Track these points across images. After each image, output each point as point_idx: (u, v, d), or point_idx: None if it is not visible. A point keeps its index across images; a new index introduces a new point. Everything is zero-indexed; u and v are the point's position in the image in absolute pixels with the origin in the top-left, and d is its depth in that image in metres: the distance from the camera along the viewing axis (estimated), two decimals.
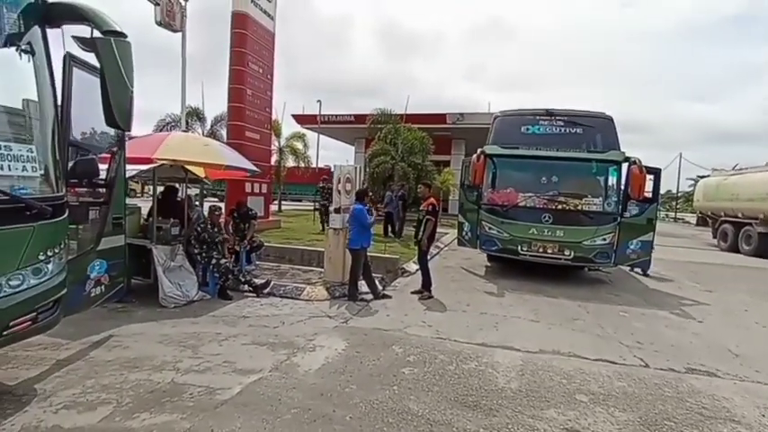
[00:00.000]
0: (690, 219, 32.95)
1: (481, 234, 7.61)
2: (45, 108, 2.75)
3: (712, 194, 15.69)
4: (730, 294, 7.21)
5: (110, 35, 2.76)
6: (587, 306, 5.82)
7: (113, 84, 2.75)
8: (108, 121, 2.86)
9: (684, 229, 25.84)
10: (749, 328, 5.24)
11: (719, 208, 15.04)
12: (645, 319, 5.34)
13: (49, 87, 2.76)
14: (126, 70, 2.81)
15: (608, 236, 6.95)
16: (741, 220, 13.68)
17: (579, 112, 7.66)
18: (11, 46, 2.51)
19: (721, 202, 14.91)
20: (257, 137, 11.90)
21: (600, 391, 3.18)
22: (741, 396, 3.22)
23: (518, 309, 5.54)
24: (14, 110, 2.77)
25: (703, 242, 16.76)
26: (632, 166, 6.70)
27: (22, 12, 2.55)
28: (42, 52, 2.68)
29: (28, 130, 2.78)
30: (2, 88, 2.64)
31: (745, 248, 13.28)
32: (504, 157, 7.55)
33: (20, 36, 2.55)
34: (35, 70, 2.64)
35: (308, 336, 4.14)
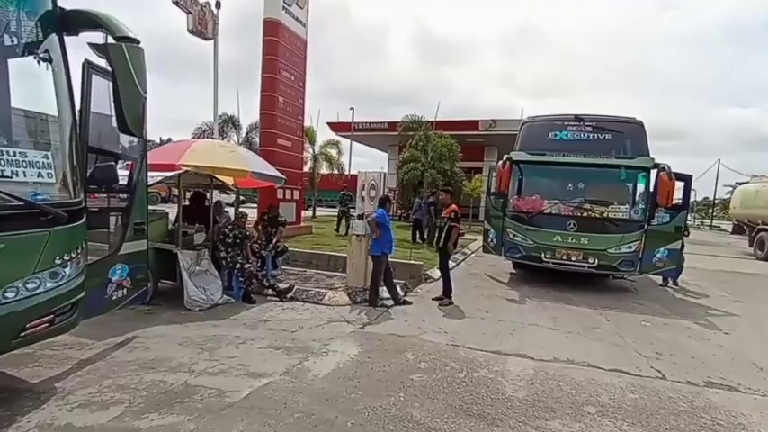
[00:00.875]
0: (726, 227, 31.30)
1: (506, 241, 7.55)
2: (63, 115, 2.80)
3: (751, 201, 14.95)
4: (762, 305, 6.89)
5: (122, 41, 2.81)
6: (608, 314, 5.71)
7: (126, 89, 2.79)
8: (120, 127, 2.91)
9: (720, 237, 24.64)
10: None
11: (757, 216, 14.32)
12: (667, 329, 5.20)
13: (66, 94, 2.80)
14: (138, 76, 2.85)
15: (633, 244, 6.78)
16: None
17: (608, 118, 7.50)
18: (29, 54, 2.61)
19: (760, 209, 14.20)
20: (289, 144, 12.05)
21: (610, 402, 3.14)
22: (760, 412, 3.12)
23: (537, 316, 5.49)
24: (32, 116, 2.87)
25: (739, 251, 15.94)
26: (661, 173, 6.51)
27: (39, 20, 2.61)
28: (60, 59, 2.74)
29: (45, 137, 2.86)
30: (20, 95, 2.74)
31: None
32: (530, 164, 7.45)
33: (38, 44, 2.62)
34: (53, 77, 2.71)
35: (324, 340, 4.25)
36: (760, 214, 14.15)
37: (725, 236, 26.00)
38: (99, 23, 2.88)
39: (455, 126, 21.27)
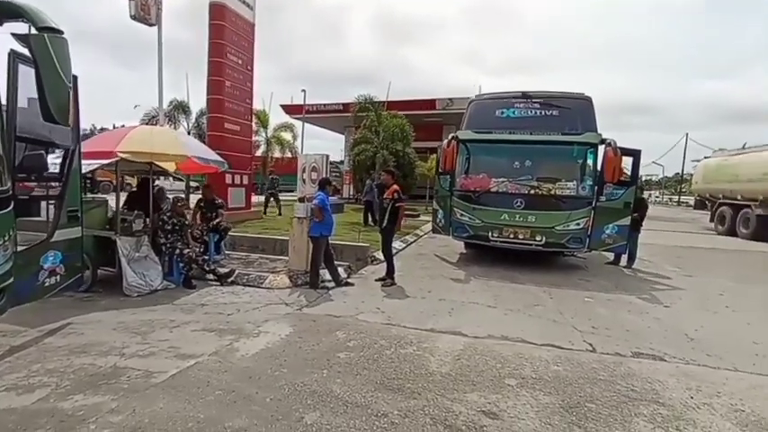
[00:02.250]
0: (692, 202, 32.39)
1: (453, 221, 7.57)
2: None
3: (712, 176, 15.35)
4: (711, 279, 7.08)
5: (44, 31, 2.83)
6: (552, 292, 5.77)
7: (49, 79, 2.82)
8: (45, 117, 2.90)
9: (685, 213, 25.42)
10: (717, 313, 5.14)
11: (718, 190, 14.72)
12: (609, 305, 5.28)
13: None
14: (62, 66, 2.88)
15: (582, 221, 6.84)
16: (740, 203, 13.39)
17: (556, 94, 7.49)
18: None
19: (720, 183, 14.59)
20: (237, 128, 11.90)
21: (532, 375, 3.15)
22: (677, 379, 3.17)
23: (479, 295, 5.51)
24: None
25: (701, 227, 16.45)
26: (607, 148, 6.55)
27: None
28: None
29: None
30: None
31: (743, 232, 13.02)
32: (476, 142, 7.45)
33: None
34: None
35: (258, 322, 4.18)
36: (721, 189, 14.53)
37: (690, 211, 26.84)
38: (21, 14, 2.88)
39: (412, 106, 21.21)
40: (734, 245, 11.68)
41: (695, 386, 3.06)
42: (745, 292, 6.19)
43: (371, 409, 2.59)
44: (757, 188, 12.52)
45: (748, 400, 2.88)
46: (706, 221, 16.48)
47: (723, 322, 4.77)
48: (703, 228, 16.03)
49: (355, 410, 2.57)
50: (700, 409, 2.73)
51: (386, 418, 2.48)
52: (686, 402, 2.81)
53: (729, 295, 5.95)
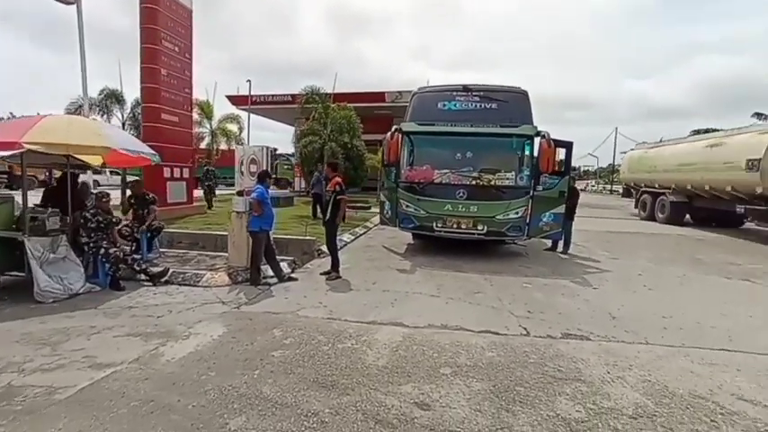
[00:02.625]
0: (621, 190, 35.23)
1: (399, 212, 7.63)
2: None
3: (635, 167, 16.70)
4: (633, 261, 7.68)
5: None
6: (493, 279, 5.97)
7: None
8: None
9: (616, 201, 27.50)
10: (636, 292, 5.57)
11: (640, 179, 16.06)
12: (545, 289, 5.54)
13: None
14: None
15: (520, 210, 7.13)
16: (657, 191, 14.69)
17: (495, 87, 7.71)
18: None
19: (642, 173, 15.92)
20: (176, 119, 11.17)
21: (466, 363, 3.22)
22: (598, 356, 3.39)
23: (423, 285, 5.57)
24: None
25: (628, 212, 17.89)
26: (541, 140, 6.87)
27: None
28: None
29: None
30: None
31: (660, 217, 14.33)
32: (419, 134, 7.55)
33: None
34: None
35: (190, 324, 3.94)
36: (643, 178, 15.87)
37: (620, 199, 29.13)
38: None
39: (362, 98, 21.32)
40: (653, 229, 12.80)
41: (612, 362, 3.28)
42: (660, 272, 6.77)
43: (302, 408, 2.51)
44: (670, 177, 13.80)
45: (655, 371, 3.13)
46: (632, 208, 17.93)
47: (640, 300, 5.17)
48: (629, 214, 17.44)
49: (284, 411, 2.47)
50: (614, 382, 2.93)
51: (316, 417, 2.41)
52: (603, 377, 3.00)
53: (647, 275, 6.49)
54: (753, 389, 2.92)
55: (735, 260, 7.95)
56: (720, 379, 3.05)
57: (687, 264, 7.51)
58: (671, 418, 2.50)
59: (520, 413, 2.51)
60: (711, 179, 11.81)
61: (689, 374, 3.11)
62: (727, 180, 11.16)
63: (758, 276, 6.58)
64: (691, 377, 3.07)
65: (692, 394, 2.81)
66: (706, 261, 7.83)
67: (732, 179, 10.92)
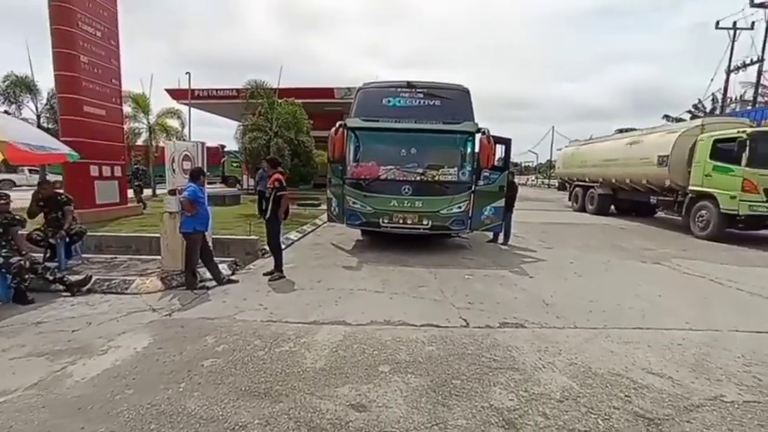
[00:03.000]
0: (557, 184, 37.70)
1: (346, 209, 7.55)
2: None
3: (569, 162, 17.88)
4: (565, 249, 8.18)
5: None
6: (437, 272, 6.07)
7: None
8: None
9: (552, 194, 29.34)
10: (567, 279, 5.92)
11: (573, 174, 17.23)
12: (485, 280, 5.72)
13: None
14: None
15: (463, 204, 7.32)
16: (587, 184, 15.85)
17: (438, 85, 7.82)
18: None
19: (574, 168, 17.09)
20: (103, 112, 10.16)
21: (406, 358, 3.21)
22: (531, 343, 3.53)
23: (368, 281, 5.53)
24: None
25: (563, 204, 19.12)
26: (482, 137, 7.08)
27: None
28: None
29: None
30: None
31: (590, 208, 15.48)
32: (364, 130, 7.50)
33: None
34: None
35: (111, 336, 3.58)
36: (575, 172, 17.05)
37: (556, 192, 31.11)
38: None
39: (311, 93, 21.04)
40: (583, 219, 13.79)
41: (544, 348, 3.43)
42: (588, 259, 7.27)
43: (229, 422, 2.35)
44: (598, 172, 14.96)
45: (580, 354, 3.33)
46: (566, 200, 19.20)
47: (571, 287, 5.48)
48: (564, 206, 18.64)
49: (209, 427, 2.30)
50: (545, 368, 3.06)
51: (244, 429, 2.27)
52: (535, 364, 3.13)
53: (577, 263, 6.93)
54: (660, 362, 3.21)
55: (649, 246, 8.75)
56: (634, 356, 3.31)
57: (610, 250, 8.13)
58: (592, 398, 2.65)
59: (455, 407, 2.53)
60: (631, 173, 12.92)
61: (609, 354, 3.33)
62: (643, 174, 12.26)
63: (667, 260, 7.30)
64: (610, 356, 3.29)
65: (610, 372, 3.01)
66: (626, 247, 8.54)
67: (647, 173, 12.02)
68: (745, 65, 20.67)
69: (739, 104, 22.45)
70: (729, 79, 21.46)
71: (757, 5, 19.40)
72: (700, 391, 2.81)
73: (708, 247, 8.65)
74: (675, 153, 10.78)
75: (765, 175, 8.52)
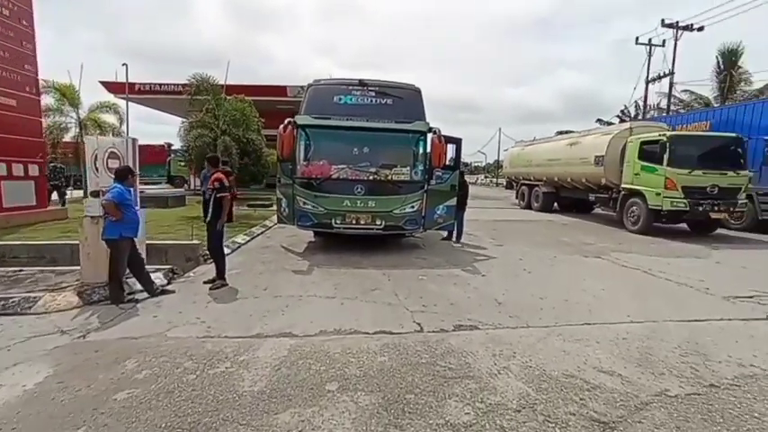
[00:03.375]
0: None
1: (296, 210, 7.19)
2: None
3: (515, 162, 18.55)
4: (515, 246, 8.35)
5: None
6: (391, 273, 5.89)
7: None
8: None
9: (501, 193, 30.50)
10: (518, 276, 5.98)
11: (519, 173, 17.89)
12: (439, 280, 5.62)
13: None
14: None
15: (416, 203, 7.22)
16: (533, 183, 16.50)
17: (390, 83, 7.68)
18: None
19: (520, 168, 17.74)
20: (12, 103, 9.07)
21: (356, 373, 2.96)
22: (485, 347, 3.42)
23: (319, 286, 5.23)
24: None
25: (510, 202, 19.86)
26: (433, 136, 7.02)
27: None
28: None
29: None
30: None
31: (536, 205, 16.14)
32: (315, 128, 7.20)
33: None
34: None
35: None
36: (521, 172, 17.72)
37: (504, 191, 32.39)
38: None
39: (263, 91, 20.49)
40: (530, 216, 14.33)
41: (498, 351, 3.33)
42: (536, 255, 7.44)
43: None
44: (542, 171, 15.64)
45: (534, 355, 3.26)
46: (514, 198, 19.95)
47: (521, 284, 5.52)
48: (511, 203, 19.37)
49: None
50: (500, 374, 2.95)
51: None
52: (491, 370, 3.01)
53: (526, 259, 7.07)
54: (609, 359, 3.23)
55: (589, 240, 9.20)
56: (585, 354, 3.31)
57: (556, 246, 8.41)
58: (549, 405, 2.56)
59: (408, 427, 2.32)
60: (572, 172, 13.58)
61: (562, 354, 3.30)
62: (582, 173, 12.94)
63: (606, 254, 7.68)
64: (563, 357, 3.26)
65: (564, 374, 2.96)
66: (569, 242, 8.89)
67: (586, 172, 12.69)
68: (660, 77, 22.84)
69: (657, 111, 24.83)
70: (648, 89, 23.60)
71: (667, 26, 21.58)
72: (647, 387, 2.82)
73: (640, 241, 9.23)
74: (609, 153, 11.45)
75: (682, 174, 9.30)
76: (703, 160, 9.47)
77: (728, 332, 3.90)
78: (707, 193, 9.26)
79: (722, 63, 23.20)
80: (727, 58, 22.92)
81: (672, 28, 21.61)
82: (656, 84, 23.43)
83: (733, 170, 9.42)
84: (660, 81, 23.10)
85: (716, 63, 23.48)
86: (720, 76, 23.20)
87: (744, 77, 22.65)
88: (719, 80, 23.22)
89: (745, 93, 22.35)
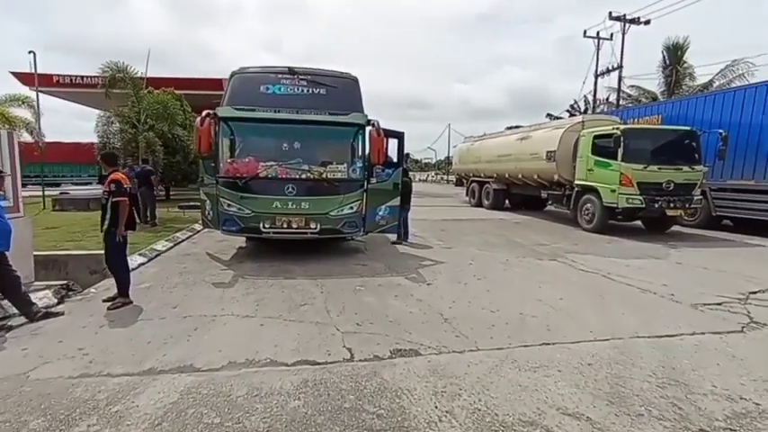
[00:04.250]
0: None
1: (221, 212, 6.36)
2: None
3: (464, 158, 18.49)
4: (464, 248, 7.99)
5: None
6: (325, 284, 5.27)
7: None
8: None
9: (451, 190, 30.69)
10: (467, 284, 5.53)
11: (469, 170, 17.84)
12: (379, 291, 5.07)
13: None
14: None
15: (355, 204, 6.62)
16: (483, 179, 16.47)
17: (323, 72, 7.00)
18: None
19: (470, 164, 17.68)
20: None
21: (258, 427, 2.32)
22: (426, 382, 2.90)
23: (239, 302, 4.51)
24: None
25: (461, 200, 19.80)
26: (371, 130, 6.45)
27: None
28: None
29: None
30: None
31: (486, 203, 16.11)
32: (238, 121, 6.41)
33: None
34: None
35: None
36: (470, 168, 17.65)
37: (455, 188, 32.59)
38: None
39: (198, 84, 19.48)
40: (480, 214, 14.21)
41: (441, 388, 2.82)
42: (486, 259, 7.11)
43: None
44: (492, 167, 15.57)
45: (484, 393, 2.77)
46: (464, 196, 19.85)
47: (471, 294, 5.07)
48: (462, 201, 19.30)
49: None
50: (442, 422, 2.43)
51: None
52: (430, 417, 2.48)
53: (476, 263, 6.71)
54: (575, 395, 2.75)
55: (543, 240, 9.03)
56: (546, 389, 2.82)
57: (508, 248, 8.15)
58: None
59: None
60: (523, 168, 13.56)
61: (517, 390, 2.81)
62: (533, 169, 12.91)
63: (561, 255, 7.43)
64: (520, 394, 2.76)
65: (521, 420, 2.45)
66: (522, 243, 8.68)
67: (537, 168, 12.66)
68: (609, 70, 23.61)
69: (606, 106, 25.54)
70: (597, 82, 24.37)
71: (615, 19, 22.13)
72: None
73: (595, 240, 9.10)
74: (561, 148, 11.37)
75: (638, 170, 9.17)
76: (658, 155, 9.22)
77: (706, 351, 3.50)
78: (662, 189, 9.13)
79: (668, 58, 23.62)
80: (673, 52, 23.36)
81: (619, 21, 21.98)
82: (605, 78, 23.86)
83: (688, 165, 9.31)
84: (609, 75, 23.49)
85: (662, 58, 23.89)
86: (666, 71, 23.61)
87: (689, 72, 23.15)
88: (666, 75, 23.64)
89: (690, 87, 22.78)
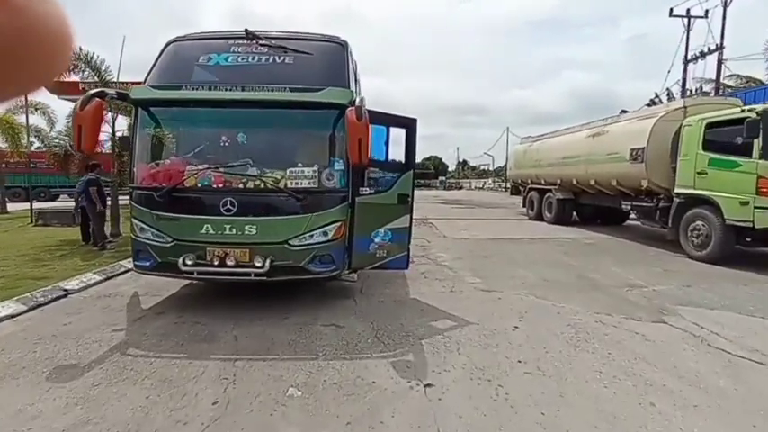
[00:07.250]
0: None
1: (133, 240, 4.31)
2: None
3: (521, 162, 15.37)
4: (509, 291, 5.27)
5: None
6: (242, 376, 2.91)
7: None
8: None
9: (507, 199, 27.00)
10: (502, 388, 2.93)
11: (527, 175, 14.69)
12: (323, 401, 2.66)
13: None
14: None
15: (332, 227, 4.21)
16: (544, 187, 13.28)
17: (295, 35, 4.78)
18: None
19: (527, 169, 14.56)
20: None
21: None
22: None
23: (61, 417, 2.30)
24: None
25: (517, 212, 16.52)
26: (348, 112, 3.94)
27: None
28: None
29: None
30: None
31: (548, 216, 12.88)
32: (154, 104, 4.32)
33: None
34: None
35: None
36: (529, 173, 14.47)
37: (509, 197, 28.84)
38: None
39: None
40: (540, 231, 11.08)
41: None
42: (542, 317, 4.36)
43: None
44: (556, 172, 12.42)
45: None
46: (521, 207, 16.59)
47: (504, 417, 2.49)
48: (519, 213, 16.07)
49: None
50: None
51: None
52: None
53: (524, 326, 4.00)
54: None
55: (632, 277, 6.01)
56: None
57: (578, 292, 5.27)
58: None
59: None
60: (596, 173, 10.38)
61: None
62: (611, 173, 9.73)
63: (672, 312, 4.43)
64: None
65: None
66: (601, 283, 5.72)
67: (616, 172, 9.48)
68: (703, 54, 19.07)
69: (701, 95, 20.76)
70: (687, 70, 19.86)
71: None
72: None
73: (718, 279, 5.90)
74: (653, 144, 8.19)
75: None
76: None
77: None
78: None
79: None
80: None
81: None
82: (696, 64, 19.48)
83: None
84: (704, 59, 19.11)
85: None
86: None
87: None
88: None
89: None
